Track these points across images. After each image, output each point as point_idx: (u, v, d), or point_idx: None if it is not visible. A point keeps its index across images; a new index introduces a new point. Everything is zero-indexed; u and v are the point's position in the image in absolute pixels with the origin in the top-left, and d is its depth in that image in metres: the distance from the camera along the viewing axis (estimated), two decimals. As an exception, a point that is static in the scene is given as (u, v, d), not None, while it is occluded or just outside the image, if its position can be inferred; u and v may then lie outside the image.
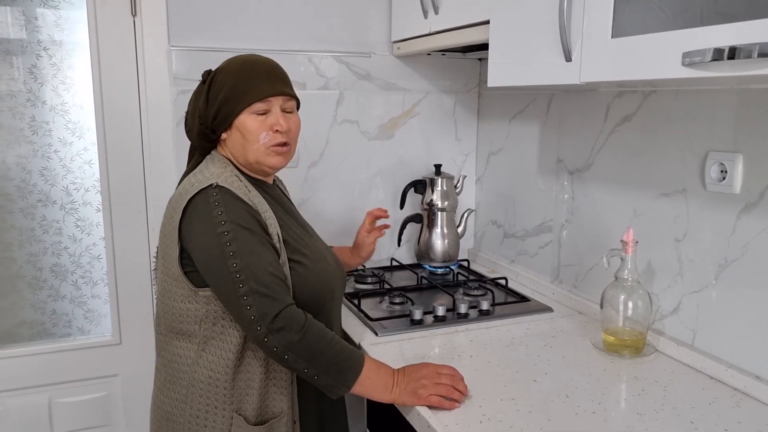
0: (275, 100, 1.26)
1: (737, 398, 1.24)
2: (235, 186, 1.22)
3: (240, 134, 1.26)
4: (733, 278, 1.30)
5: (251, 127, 1.25)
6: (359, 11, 2.05)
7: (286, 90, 1.29)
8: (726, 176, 1.29)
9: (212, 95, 1.28)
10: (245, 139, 1.26)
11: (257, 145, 1.26)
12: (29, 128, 1.82)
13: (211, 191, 1.19)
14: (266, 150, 1.27)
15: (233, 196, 1.20)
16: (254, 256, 1.17)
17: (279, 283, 1.18)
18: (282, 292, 1.18)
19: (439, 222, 2.06)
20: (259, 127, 1.25)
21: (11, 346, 1.89)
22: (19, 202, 1.84)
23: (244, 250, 1.16)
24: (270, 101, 1.26)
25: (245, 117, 1.25)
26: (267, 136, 1.26)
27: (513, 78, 1.45)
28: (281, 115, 1.27)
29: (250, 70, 1.27)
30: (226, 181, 1.22)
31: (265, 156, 1.27)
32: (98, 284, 1.97)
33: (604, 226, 1.65)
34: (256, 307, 1.14)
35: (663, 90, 1.44)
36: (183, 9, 1.85)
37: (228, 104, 1.25)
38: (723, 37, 0.92)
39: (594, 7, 1.17)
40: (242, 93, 1.25)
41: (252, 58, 1.30)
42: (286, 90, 1.29)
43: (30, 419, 1.90)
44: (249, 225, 1.19)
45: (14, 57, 1.78)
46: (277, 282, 1.17)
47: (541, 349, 1.48)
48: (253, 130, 1.25)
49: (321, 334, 1.18)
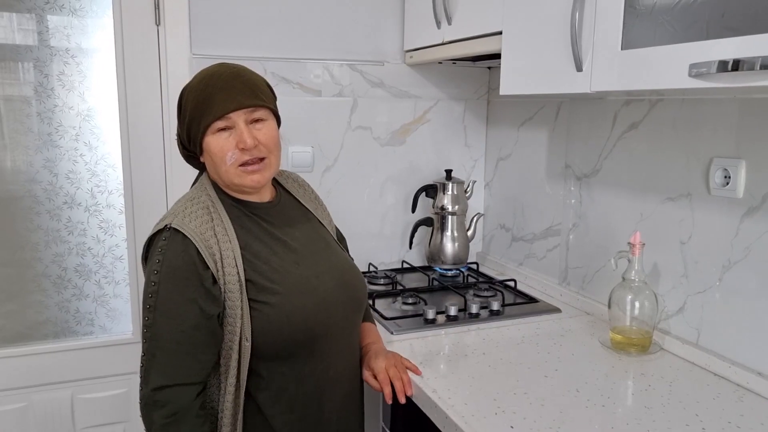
0: (236, 115, 1.16)
1: (740, 393, 1.30)
2: (194, 224, 1.14)
3: (210, 157, 1.19)
4: (736, 279, 1.36)
5: (215, 149, 1.17)
6: (373, 21, 2.12)
7: (248, 101, 1.16)
8: (729, 181, 1.35)
9: (181, 117, 1.22)
10: (214, 162, 1.19)
11: (225, 166, 1.17)
12: (57, 133, 1.89)
13: (161, 235, 1.14)
14: (235, 171, 1.18)
15: (181, 242, 1.12)
16: (170, 319, 1.10)
17: (179, 354, 1.10)
18: (174, 366, 1.10)
19: (449, 225, 2.12)
20: (223, 147, 1.16)
21: (37, 343, 1.95)
22: (46, 204, 1.91)
23: (162, 308, 1.10)
24: (230, 117, 1.15)
25: (209, 138, 1.17)
26: (233, 156, 1.16)
27: (525, 86, 1.51)
28: (245, 130, 1.16)
29: (207, 86, 1.17)
30: (186, 217, 1.15)
31: (236, 177, 1.19)
32: (120, 284, 2.03)
33: (611, 229, 1.71)
34: (146, 369, 1.11)
35: (669, 99, 1.50)
36: (205, 19, 1.92)
37: (192, 127, 1.18)
38: (727, 50, 0.98)
39: (604, 20, 1.23)
40: (201, 113, 1.16)
41: (212, 70, 1.20)
42: (248, 101, 1.16)
43: (53, 414, 1.96)
44: (179, 280, 1.10)
45: (43, 64, 1.85)
46: (176, 352, 1.10)
47: (551, 347, 1.54)
48: (218, 152, 1.17)
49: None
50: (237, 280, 1.15)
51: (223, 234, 1.17)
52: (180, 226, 1.14)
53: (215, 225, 1.17)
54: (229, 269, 1.14)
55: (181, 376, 1.11)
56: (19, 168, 1.87)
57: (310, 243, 1.30)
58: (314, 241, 1.32)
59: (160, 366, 1.11)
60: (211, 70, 1.20)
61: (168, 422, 1.10)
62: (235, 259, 1.16)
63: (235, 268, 1.15)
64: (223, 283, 1.14)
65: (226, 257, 1.15)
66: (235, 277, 1.15)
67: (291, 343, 1.18)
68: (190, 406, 1.12)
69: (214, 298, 1.14)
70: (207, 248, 1.14)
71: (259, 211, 1.26)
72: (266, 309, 1.16)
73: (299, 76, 2.04)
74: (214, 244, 1.15)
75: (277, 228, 1.27)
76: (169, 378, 1.10)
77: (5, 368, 1.90)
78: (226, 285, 1.14)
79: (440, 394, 1.28)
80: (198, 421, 1.13)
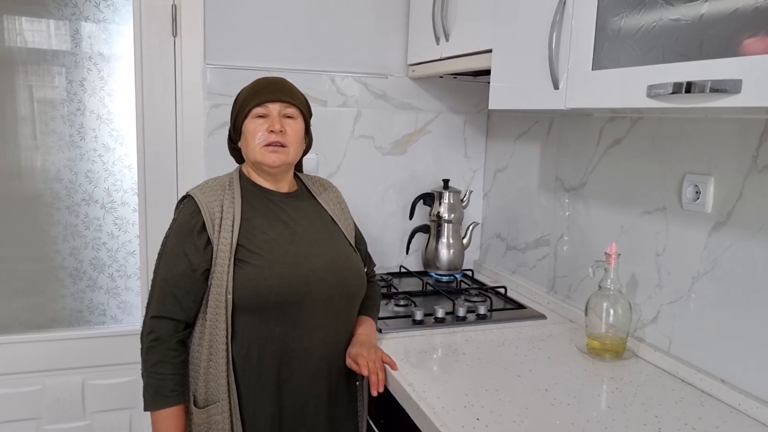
0: (273, 106, 1.42)
1: (702, 399, 1.37)
2: (205, 195, 1.41)
3: (245, 137, 1.45)
4: (704, 290, 1.42)
5: (251, 129, 1.43)
6: (379, 36, 2.22)
7: (284, 98, 1.43)
8: (699, 197, 1.42)
9: (233, 110, 1.49)
10: (247, 141, 1.44)
11: (254, 144, 1.42)
12: (78, 134, 2.03)
13: (183, 200, 1.45)
14: (261, 149, 1.42)
15: (191, 206, 1.40)
16: (167, 264, 1.39)
17: (167, 293, 1.37)
18: (162, 302, 1.37)
19: (445, 233, 2.21)
20: (256, 129, 1.42)
21: (52, 330, 2.08)
22: (65, 200, 2.05)
23: (165, 255, 1.41)
24: (267, 107, 1.42)
25: (248, 121, 1.44)
26: (262, 136, 1.41)
27: (510, 102, 1.60)
28: (278, 119, 1.42)
29: (256, 84, 1.46)
30: (202, 189, 1.43)
31: (261, 155, 1.42)
32: (131, 278, 2.16)
33: (594, 240, 1.78)
34: (148, 300, 1.41)
35: (648, 117, 1.58)
36: (218, 31, 2.04)
37: (239, 114, 1.45)
38: (682, 74, 1.06)
39: (578, 42, 1.32)
40: (247, 102, 1.44)
41: (268, 77, 1.50)
42: (284, 98, 1.43)
43: (65, 398, 2.09)
44: (180, 236, 1.39)
45: (67, 69, 1.99)
46: (165, 291, 1.37)
47: (529, 350, 1.62)
48: (252, 131, 1.42)
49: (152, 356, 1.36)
50: (229, 243, 1.37)
51: (229, 205, 1.41)
52: (194, 194, 1.42)
53: (225, 198, 1.42)
54: (225, 233, 1.38)
55: (166, 311, 1.37)
56: (45, 167, 2.01)
57: (312, 231, 1.49)
58: (317, 231, 1.50)
59: (154, 300, 1.39)
60: (264, 77, 1.50)
61: (152, 345, 1.37)
62: (233, 226, 1.39)
63: (231, 233, 1.38)
64: (217, 244, 1.37)
65: (225, 223, 1.38)
66: (228, 240, 1.37)
67: (263, 302, 1.37)
68: (168, 337, 1.37)
69: (203, 255, 1.37)
70: (209, 214, 1.39)
71: (272, 196, 1.49)
72: (248, 268, 1.37)
73: (306, 86, 2.15)
74: (217, 212, 1.39)
75: (284, 213, 1.48)
76: (157, 311, 1.38)
77: (22, 353, 2.03)
78: (219, 246, 1.37)
79: (415, 387, 1.37)
80: (172, 353, 1.38)
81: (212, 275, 1.37)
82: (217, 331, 1.36)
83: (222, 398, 1.37)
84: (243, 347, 1.39)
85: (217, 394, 1.38)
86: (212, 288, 1.37)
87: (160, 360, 1.36)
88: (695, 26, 1.04)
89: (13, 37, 1.94)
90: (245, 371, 1.39)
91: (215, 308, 1.36)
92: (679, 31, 1.07)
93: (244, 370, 1.39)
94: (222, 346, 1.36)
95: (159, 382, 1.37)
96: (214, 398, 1.38)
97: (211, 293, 1.37)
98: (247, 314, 1.37)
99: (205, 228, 1.38)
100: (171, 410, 1.37)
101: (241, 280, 1.36)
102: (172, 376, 1.37)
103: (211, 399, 1.39)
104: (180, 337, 1.40)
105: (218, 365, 1.37)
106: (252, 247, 1.39)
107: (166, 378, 1.37)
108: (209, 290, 1.38)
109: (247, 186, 1.48)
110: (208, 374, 1.38)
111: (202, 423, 1.39)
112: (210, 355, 1.38)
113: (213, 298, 1.37)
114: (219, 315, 1.36)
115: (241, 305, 1.36)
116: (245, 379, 1.39)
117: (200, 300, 1.40)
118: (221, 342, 1.36)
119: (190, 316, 1.40)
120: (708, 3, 1.01)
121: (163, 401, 1.37)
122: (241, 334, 1.38)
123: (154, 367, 1.37)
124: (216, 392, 1.38)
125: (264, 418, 1.41)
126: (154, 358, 1.37)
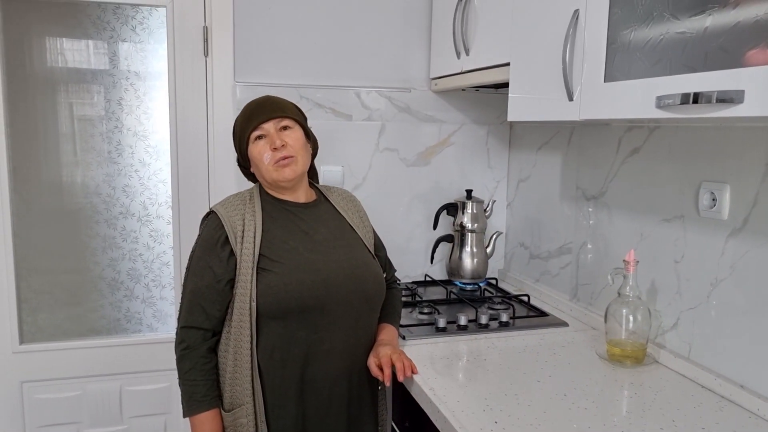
0: (267, 125, 1.49)
1: (721, 404, 1.38)
2: (227, 210, 1.49)
3: (254, 162, 1.52)
4: (723, 296, 1.44)
5: (256, 153, 1.50)
6: (402, 51, 2.29)
7: (274, 114, 1.50)
8: (716, 204, 1.44)
9: (235, 141, 1.57)
10: (257, 165, 1.51)
11: (264, 166, 1.49)
12: (115, 151, 2.14)
13: (208, 216, 1.53)
14: (272, 168, 1.49)
15: (215, 221, 1.48)
16: (194, 276, 1.48)
17: (194, 304, 1.46)
18: (191, 312, 1.46)
19: (468, 242, 2.25)
20: (261, 151, 1.49)
21: (93, 338, 2.18)
22: (104, 213, 2.15)
23: (192, 268, 1.49)
24: (263, 127, 1.49)
25: (251, 147, 1.51)
26: (269, 156, 1.48)
27: (528, 114, 1.64)
28: (276, 134, 1.49)
29: (246, 110, 1.54)
30: (224, 204, 1.51)
31: (274, 173, 1.49)
32: (166, 287, 2.25)
33: (616, 248, 1.80)
34: (179, 312, 1.51)
35: (665, 126, 1.61)
36: (247, 50, 2.13)
37: (241, 142, 1.53)
38: (689, 85, 1.09)
39: (591, 55, 1.36)
40: (244, 128, 1.51)
41: (254, 100, 1.56)
42: (274, 114, 1.50)
43: (104, 403, 2.18)
44: (205, 250, 1.47)
45: (105, 88, 2.10)
46: (192, 302, 1.46)
47: (550, 356, 1.64)
48: (258, 155, 1.49)
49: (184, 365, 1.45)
50: (252, 253, 1.44)
51: (250, 218, 1.48)
52: (217, 210, 1.50)
53: (246, 212, 1.49)
54: (247, 244, 1.45)
55: (194, 322, 1.46)
56: (85, 182, 2.12)
57: (332, 239, 1.55)
58: (337, 239, 1.56)
59: (183, 311, 1.48)
60: (254, 100, 1.57)
61: (183, 354, 1.46)
62: (255, 237, 1.46)
63: (253, 243, 1.45)
64: (240, 255, 1.45)
65: (247, 235, 1.46)
66: (250, 250, 1.44)
67: (285, 307, 1.43)
68: (198, 345, 1.46)
69: (227, 266, 1.45)
70: (231, 227, 1.47)
71: (291, 207, 1.56)
72: (269, 275, 1.44)
73: (332, 101, 2.23)
74: (239, 225, 1.47)
75: (303, 222, 1.54)
76: (186, 321, 1.47)
77: (64, 360, 2.13)
78: (242, 256, 1.44)
79: (436, 392, 1.41)
80: (202, 360, 1.46)
81: (236, 284, 1.45)
82: (241, 336, 1.43)
83: (247, 401, 1.44)
84: (267, 351, 1.45)
85: (242, 398, 1.44)
86: (237, 296, 1.44)
87: (191, 367, 1.45)
88: (700, 39, 1.07)
89: (55, 57, 2.06)
90: (269, 374, 1.45)
91: (240, 315, 1.43)
92: (685, 44, 1.11)
93: (268, 373, 1.45)
94: (246, 350, 1.43)
95: (192, 388, 1.45)
96: (239, 401, 1.45)
97: (236, 301, 1.44)
98: (270, 319, 1.44)
99: (228, 241, 1.45)
100: (206, 414, 1.45)
101: (263, 287, 1.42)
102: (203, 381, 1.45)
103: (237, 402, 1.45)
104: (209, 345, 1.48)
105: (243, 369, 1.44)
106: (273, 256, 1.45)
107: (197, 384, 1.44)
108: (234, 299, 1.45)
109: (267, 199, 1.55)
110: (234, 378, 1.45)
111: (229, 425, 1.46)
112: (235, 360, 1.44)
113: (238, 306, 1.44)
114: (243, 321, 1.43)
115: (264, 311, 1.43)
116: (269, 381, 1.45)
117: (226, 309, 1.48)
118: (246, 347, 1.43)
119: (217, 324, 1.48)
120: (712, 16, 1.05)
121: (196, 406, 1.45)
122: (265, 338, 1.45)
123: (187, 375, 1.45)
124: (241, 395, 1.44)
125: (288, 420, 1.47)
126: (185, 366, 1.45)
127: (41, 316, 2.14)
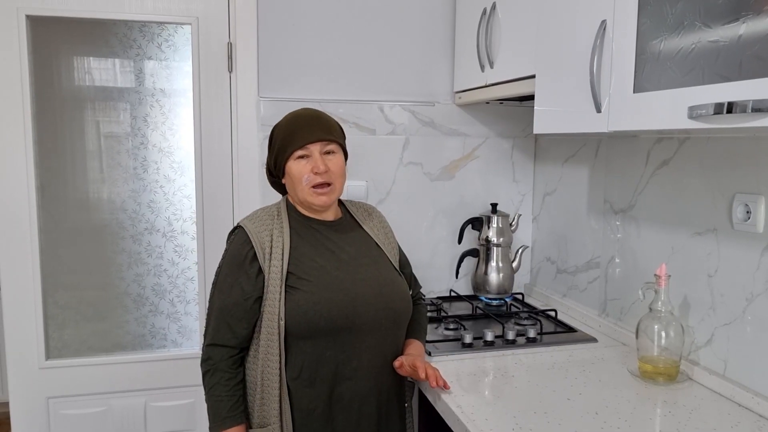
0: (314, 147, 1.47)
1: (761, 423, 1.33)
2: (255, 225, 1.47)
3: (290, 178, 1.50)
4: (759, 311, 1.39)
5: (295, 172, 1.47)
6: (425, 65, 2.28)
7: (323, 136, 1.47)
8: (750, 216, 1.40)
9: (271, 148, 1.55)
10: (293, 182, 1.49)
11: (302, 186, 1.47)
12: (141, 167, 2.15)
13: (235, 231, 1.51)
14: (309, 190, 1.47)
15: (242, 237, 1.46)
16: (221, 293, 1.46)
17: (221, 322, 1.45)
18: (218, 330, 1.45)
19: (494, 257, 2.22)
20: (301, 170, 1.47)
21: (118, 353, 2.19)
22: (130, 229, 2.17)
23: (219, 286, 1.48)
24: (308, 148, 1.46)
25: (291, 163, 1.48)
26: (308, 178, 1.46)
27: (554, 126, 1.62)
28: (320, 158, 1.47)
29: (293, 123, 1.50)
30: (252, 220, 1.49)
31: (309, 196, 1.48)
32: (190, 303, 2.25)
33: (645, 262, 1.76)
34: (205, 329, 1.49)
35: (695, 137, 1.57)
36: (271, 66, 2.14)
37: (280, 154, 1.50)
38: (723, 94, 1.06)
39: (619, 66, 1.34)
40: (287, 143, 1.48)
41: (299, 112, 1.53)
42: (323, 136, 1.47)
43: (129, 419, 2.18)
44: (233, 266, 1.46)
45: (131, 106, 2.12)
46: (220, 320, 1.45)
47: (579, 373, 1.61)
48: (297, 174, 1.47)
49: (209, 381, 1.45)
50: (280, 271, 1.43)
51: (278, 235, 1.47)
52: (245, 225, 1.48)
53: (274, 228, 1.48)
54: (275, 262, 1.44)
55: (220, 339, 1.45)
56: (111, 198, 2.14)
57: (358, 257, 1.54)
58: (363, 256, 1.55)
59: (210, 328, 1.47)
60: (298, 112, 1.54)
61: (208, 371, 1.46)
62: (283, 254, 1.45)
63: (281, 261, 1.44)
64: (268, 272, 1.43)
65: (275, 252, 1.45)
66: (279, 268, 1.43)
67: (314, 327, 1.41)
68: (224, 362, 1.45)
69: (255, 283, 1.44)
70: (260, 244, 1.45)
71: (318, 225, 1.54)
72: (298, 294, 1.42)
73: (355, 116, 2.22)
74: (267, 242, 1.45)
75: (330, 241, 1.53)
76: (213, 339, 1.46)
77: (89, 375, 2.14)
78: (270, 273, 1.43)
79: (464, 410, 1.38)
80: (226, 375, 1.45)
81: (264, 302, 1.44)
82: (270, 356, 1.42)
83: (274, 421, 1.42)
84: (295, 370, 1.44)
85: (269, 417, 1.43)
86: (264, 314, 1.43)
87: (216, 383, 1.44)
88: (734, 47, 1.05)
89: (82, 75, 2.09)
90: (297, 393, 1.44)
91: (268, 334, 1.42)
92: (719, 53, 1.08)
93: (296, 392, 1.44)
94: (275, 370, 1.42)
95: (217, 404, 1.44)
96: (267, 421, 1.44)
97: (264, 319, 1.43)
98: (299, 338, 1.42)
99: (256, 257, 1.44)
100: (231, 431, 1.44)
101: (291, 305, 1.41)
102: (228, 397, 1.44)
103: (265, 422, 1.44)
104: (234, 362, 1.47)
105: (271, 389, 1.42)
106: (301, 274, 1.44)
107: (222, 400, 1.44)
108: (262, 316, 1.44)
109: (294, 216, 1.54)
110: (263, 397, 1.44)
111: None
112: (263, 379, 1.43)
113: (266, 324, 1.43)
114: (272, 340, 1.42)
115: (293, 331, 1.41)
116: (297, 401, 1.44)
117: (253, 326, 1.47)
118: (274, 366, 1.42)
119: (243, 341, 1.47)
120: (745, 24, 1.02)
121: (221, 423, 1.44)
122: (293, 357, 1.43)
123: (212, 391, 1.44)
124: (269, 415, 1.43)
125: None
126: (211, 382, 1.45)
127: (67, 331, 2.15)
